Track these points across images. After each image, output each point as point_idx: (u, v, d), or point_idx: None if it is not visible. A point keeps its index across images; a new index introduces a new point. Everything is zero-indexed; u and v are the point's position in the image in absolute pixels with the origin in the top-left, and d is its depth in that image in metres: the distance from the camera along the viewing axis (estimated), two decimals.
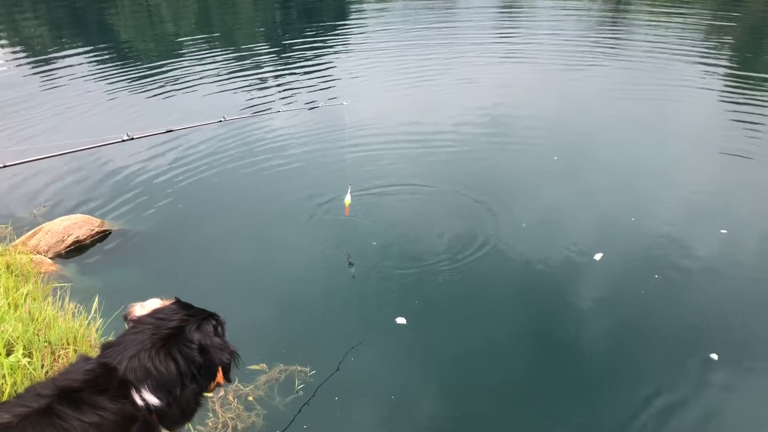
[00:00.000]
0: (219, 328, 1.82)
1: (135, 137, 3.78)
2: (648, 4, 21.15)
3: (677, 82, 11.14)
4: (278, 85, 10.98)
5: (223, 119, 4.63)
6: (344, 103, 6.05)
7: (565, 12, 19.75)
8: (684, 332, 4.71)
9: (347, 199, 5.40)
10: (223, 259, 5.73)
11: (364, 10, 21.19)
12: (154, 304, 1.81)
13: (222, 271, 5.54)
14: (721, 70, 12.32)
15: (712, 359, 4.40)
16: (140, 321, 1.72)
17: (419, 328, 4.79)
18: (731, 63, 13.20)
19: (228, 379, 1.85)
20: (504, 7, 21.51)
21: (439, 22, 18.49)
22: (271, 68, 12.54)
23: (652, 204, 6.60)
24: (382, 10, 21.33)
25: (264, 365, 4.24)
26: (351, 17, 19.65)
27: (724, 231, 5.97)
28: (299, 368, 4.24)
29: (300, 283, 5.36)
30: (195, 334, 1.71)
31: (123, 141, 3.80)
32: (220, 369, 1.79)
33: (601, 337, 4.73)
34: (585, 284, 5.30)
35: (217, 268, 5.60)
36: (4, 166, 3.01)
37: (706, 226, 6.14)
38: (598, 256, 5.55)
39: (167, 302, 1.84)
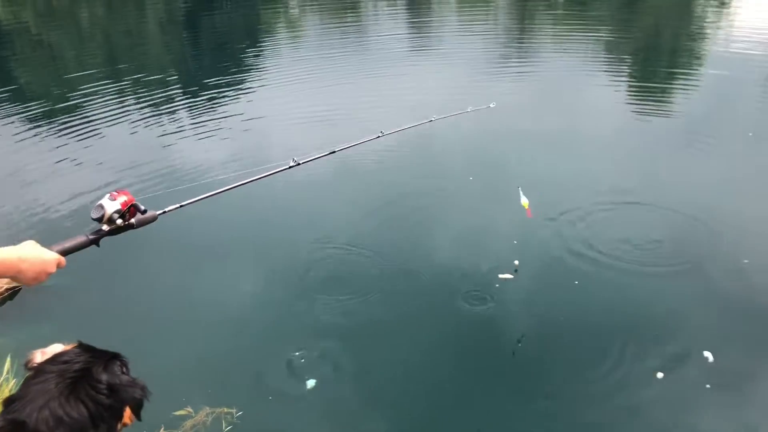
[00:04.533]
0: (124, 368, 1.84)
1: (301, 162, 3.44)
2: (551, 21, 22.35)
3: (584, 91, 11.97)
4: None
5: (381, 134, 4.25)
6: (491, 105, 5.55)
7: (472, 29, 19.82)
8: (603, 333, 5.05)
9: (524, 201, 5.35)
10: (144, 307, 5.57)
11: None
12: (55, 349, 1.80)
13: (143, 319, 5.36)
14: (624, 76, 13.47)
15: (630, 351, 4.75)
16: (41, 369, 1.69)
17: (353, 361, 4.81)
18: (633, 69, 14.27)
19: (138, 416, 1.87)
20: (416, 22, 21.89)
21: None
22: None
23: (565, 214, 6.83)
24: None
25: (189, 409, 4.16)
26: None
27: (633, 237, 6.29)
28: (226, 410, 4.19)
29: (223, 324, 5.26)
30: (103, 375, 1.71)
31: (290, 167, 3.56)
32: (128, 407, 1.80)
33: (529, 349, 5.03)
34: (504, 297, 5.49)
35: (138, 316, 5.41)
36: (164, 212, 2.86)
37: (616, 230, 6.47)
38: (506, 276, 5.71)
39: (69, 347, 1.84)
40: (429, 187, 7.50)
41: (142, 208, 2.63)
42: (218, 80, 13.49)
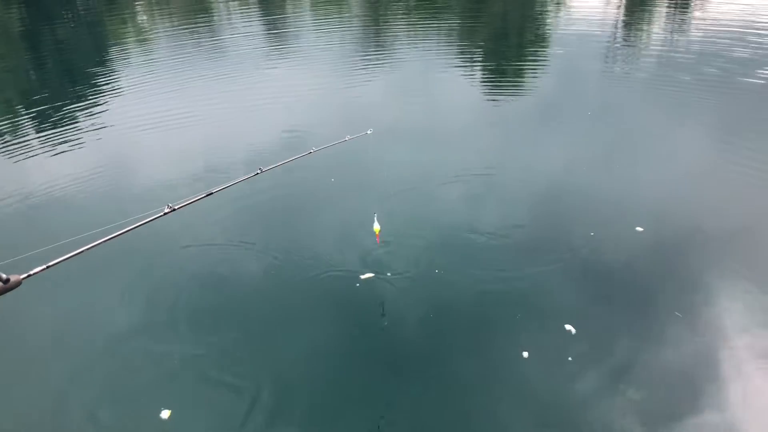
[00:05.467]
0: None
1: (176, 207, 3.29)
2: (405, 16, 22.47)
3: (449, 88, 12.46)
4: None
5: (259, 170, 4.09)
6: (368, 131, 5.54)
7: (332, 33, 19.60)
8: (468, 321, 5.41)
9: (376, 227, 5.39)
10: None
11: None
12: None
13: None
14: (480, 65, 14.31)
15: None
16: None
17: (210, 385, 4.83)
18: (486, 57, 15.15)
19: None
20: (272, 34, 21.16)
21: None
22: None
23: (424, 207, 7.28)
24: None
25: None
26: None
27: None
28: None
29: (77, 366, 5.13)
30: None
31: (165, 214, 3.31)
32: None
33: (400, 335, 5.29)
34: (369, 295, 5.76)
35: None
36: (29, 276, 2.61)
37: (474, 217, 6.95)
38: (367, 275, 5.96)
39: None
40: (304, 213, 7.43)
41: (4, 276, 2.52)
42: (70, 104, 12.42)
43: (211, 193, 3.75)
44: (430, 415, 4.47)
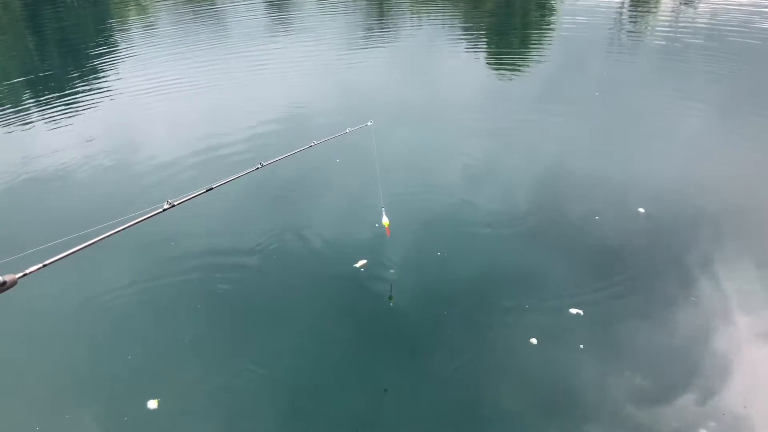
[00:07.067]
0: None
1: (176, 203, 3.27)
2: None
3: (451, 75, 12.20)
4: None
5: (260, 165, 4.03)
6: (369, 123, 5.43)
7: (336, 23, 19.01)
8: (472, 306, 5.25)
9: (385, 221, 5.39)
10: None
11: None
12: None
13: None
14: (484, 47, 14.16)
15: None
16: None
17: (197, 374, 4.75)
18: (490, 39, 15.02)
19: None
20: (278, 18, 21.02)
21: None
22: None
23: (424, 191, 7.15)
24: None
25: None
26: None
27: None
28: None
29: (66, 359, 5.03)
30: None
31: (164, 210, 3.28)
32: None
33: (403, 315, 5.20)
34: (367, 280, 5.66)
35: None
36: (25, 275, 2.59)
37: (473, 200, 6.85)
38: (360, 263, 5.88)
39: None
40: (306, 205, 7.20)
41: (0, 279, 2.50)
42: (66, 97, 12.05)
43: (212, 188, 3.67)
44: (440, 404, 4.36)
